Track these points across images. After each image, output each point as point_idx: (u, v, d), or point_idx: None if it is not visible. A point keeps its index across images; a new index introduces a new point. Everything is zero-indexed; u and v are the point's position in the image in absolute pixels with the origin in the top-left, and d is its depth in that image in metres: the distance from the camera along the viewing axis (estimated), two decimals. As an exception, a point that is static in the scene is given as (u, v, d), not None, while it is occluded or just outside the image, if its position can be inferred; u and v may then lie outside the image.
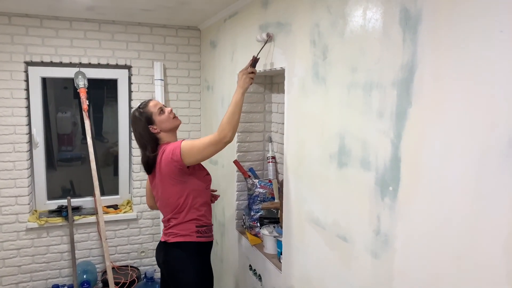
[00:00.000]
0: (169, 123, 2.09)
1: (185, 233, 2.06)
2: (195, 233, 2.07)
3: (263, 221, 2.43)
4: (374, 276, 1.37)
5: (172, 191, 2.04)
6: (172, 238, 2.08)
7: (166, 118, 2.08)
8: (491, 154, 0.95)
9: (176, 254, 2.08)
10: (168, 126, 2.09)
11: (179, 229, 2.07)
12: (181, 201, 2.04)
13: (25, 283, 3.21)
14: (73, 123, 3.95)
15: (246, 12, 2.45)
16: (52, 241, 3.25)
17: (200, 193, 2.09)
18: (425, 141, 1.14)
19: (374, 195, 1.36)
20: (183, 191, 2.03)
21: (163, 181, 2.05)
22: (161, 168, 2.02)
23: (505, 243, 0.92)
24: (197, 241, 2.07)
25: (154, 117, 2.06)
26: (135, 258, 3.53)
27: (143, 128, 2.06)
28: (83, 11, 2.90)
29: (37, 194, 3.28)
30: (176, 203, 2.05)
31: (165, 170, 2.00)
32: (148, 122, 2.06)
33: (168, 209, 2.10)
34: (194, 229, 2.07)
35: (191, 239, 2.06)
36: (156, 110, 2.07)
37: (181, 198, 2.04)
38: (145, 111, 2.07)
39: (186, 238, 2.06)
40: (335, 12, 1.55)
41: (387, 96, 1.28)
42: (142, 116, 2.07)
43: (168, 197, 2.07)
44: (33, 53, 3.04)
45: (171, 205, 2.07)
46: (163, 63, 3.39)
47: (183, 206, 2.05)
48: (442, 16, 1.07)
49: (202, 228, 2.09)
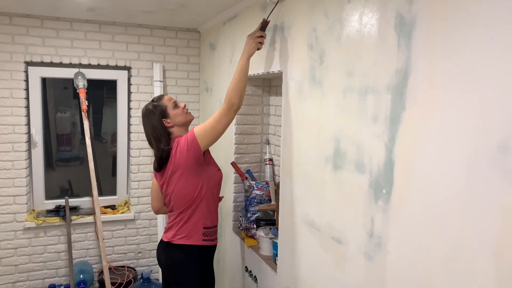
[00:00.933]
0: (183, 117, 2.08)
1: (192, 234, 2.03)
2: (202, 235, 2.04)
3: (259, 222, 2.45)
4: (367, 278, 1.38)
5: (187, 183, 2.00)
6: (177, 239, 2.04)
7: (180, 112, 2.08)
8: (482, 158, 0.97)
9: (179, 257, 2.05)
10: (182, 120, 2.08)
11: (185, 229, 2.03)
12: (195, 194, 2.01)
13: (21, 283, 3.22)
14: (72, 123, 3.97)
15: (246, 15, 2.47)
16: (50, 241, 3.26)
17: (212, 187, 2.07)
18: (418, 145, 1.16)
19: (368, 198, 1.37)
20: (197, 182, 2.00)
21: (177, 174, 2.00)
22: (176, 160, 1.98)
23: (495, 246, 0.94)
24: (202, 244, 2.04)
25: (168, 111, 2.05)
26: (132, 258, 3.54)
27: (157, 121, 2.04)
28: (83, 12, 2.92)
29: (35, 193, 3.29)
30: (190, 196, 2.01)
31: (181, 161, 1.97)
32: (162, 115, 2.04)
33: (180, 203, 2.04)
34: (201, 231, 2.04)
35: (197, 243, 2.03)
36: (170, 104, 2.07)
37: (195, 190, 2.01)
38: (160, 104, 2.06)
39: (192, 241, 2.03)
40: (332, 17, 1.57)
41: (381, 100, 1.30)
42: (157, 109, 2.05)
43: (181, 190, 2.02)
44: (34, 53, 3.06)
45: (183, 199, 2.02)
46: (162, 64, 3.41)
47: (196, 199, 2.01)
48: (436, 23, 1.09)
49: (209, 230, 2.07)
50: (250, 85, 2.65)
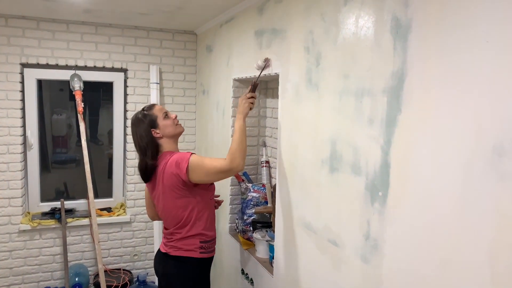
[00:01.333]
0: (173, 128, 2.02)
1: (189, 248, 1.98)
2: (199, 249, 1.99)
3: (255, 225, 2.45)
4: (364, 281, 1.38)
5: (175, 204, 1.95)
6: (173, 251, 2.00)
7: (170, 123, 2.02)
8: (477, 161, 0.97)
9: (176, 269, 2.01)
10: (171, 132, 2.02)
11: (183, 244, 1.99)
12: (185, 215, 1.95)
13: (16, 285, 3.19)
14: (68, 125, 3.96)
15: (242, 18, 2.47)
16: (45, 243, 3.24)
17: (205, 205, 2.01)
18: (413, 148, 1.16)
19: (364, 200, 1.38)
20: (187, 204, 1.95)
21: (165, 193, 1.95)
22: (164, 179, 1.92)
23: (490, 248, 0.94)
24: (200, 257, 2.00)
25: (158, 121, 1.99)
26: (128, 261, 3.53)
27: (145, 130, 1.98)
28: (80, 14, 2.91)
29: (31, 196, 3.27)
30: (180, 217, 1.96)
31: (168, 182, 1.91)
32: (151, 125, 1.99)
33: (171, 222, 2.00)
34: (198, 245, 1.99)
35: (194, 255, 1.99)
36: (161, 114, 2.01)
37: (185, 211, 1.95)
38: (150, 114, 2.01)
39: (189, 253, 1.99)
40: (328, 19, 1.58)
41: (377, 103, 1.31)
42: (146, 118, 2.00)
43: (171, 210, 1.97)
44: (29, 55, 3.05)
45: (175, 219, 1.98)
46: (159, 66, 3.40)
47: (187, 219, 1.96)
48: (431, 26, 1.10)
49: (206, 244, 2.02)
50: (247, 87, 2.65)
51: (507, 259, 0.91)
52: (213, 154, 3.09)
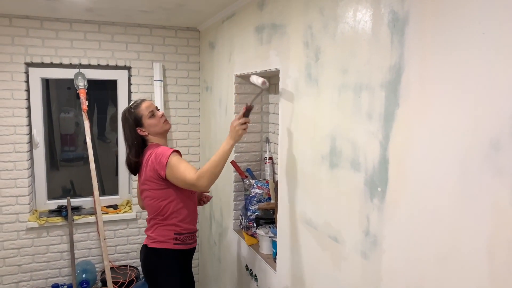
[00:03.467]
0: (159, 127, 2.06)
1: (163, 239, 2.05)
2: (173, 240, 2.05)
3: (259, 221, 2.45)
4: (363, 277, 1.38)
5: (154, 194, 2.03)
6: (150, 243, 2.07)
7: (155, 122, 2.05)
8: (475, 155, 0.96)
9: (153, 260, 2.07)
10: (157, 131, 2.06)
11: (158, 234, 2.05)
12: (162, 204, 2.03)
13: (25, 282, 3.24)
14: (76, 123, 3.99)
15: (243, 14, 2.46)
16: (52, 241, 3.28)
17: (184, 199, 2.06)
18: (411, 143, 1.15)
19: (363, 196, 1.37)
20: (166, 195, 2.02)
21: (147, 184, 2.03)
22: (147, 171, 2.00)
23: (488, 243, 0.93)
24: (175, 248, 2.05)
25: (143, 120, 2.03)
26: (134, 257, 3.55)
27: (130, 129, 2.04)
28: (82, 13, 2.92)
29: (38, 194, 3.31)
30: (158, 206, 2.03)
31: (149, 174, 1.99)
32: (136, 124, 2.03)
33: (151, 210, 2.08)
34: (171, 236, 2.05)
35: (168, 246, 2.05)
36: (146, 113, 2.03)
37: (163, 201, 2.02)
38: (135, 112, 2.04)
39: (163, 244, 2.05)
40: (327, 14, 1.56)
41: (375, 97, 1.29)
42: (131, 116, 2.04)
43: (151, 199, 2.05)
44: (34, 54, 3.07)
45: (153, 207, 2.05)
46: (162, 64, 3.41)
47: (164, 210, 2.03)
48: (428, 18, 1.08)
49: (181, 236, 2.07)
50: (249, 83, 2.64)
51: (504, 254, 0.89)
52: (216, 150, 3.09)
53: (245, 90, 2.65)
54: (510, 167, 0.87)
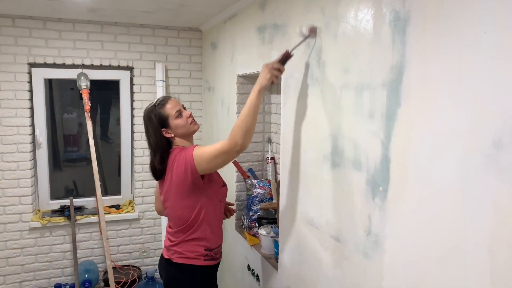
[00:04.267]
0: (186, 128, 1.85)
1: (192, 255, 1.85)
2: (203, 256, 1.85)
3: (261, 221, 2.45)
4: (365, 276, 1.37)
5: (183, 204, 1.82)
6: (176, 258, 1.86)
7: (183, 123, 1.84)
8: (476, 154, 0.95)
9: (180, 277, 1.87)
10: (184, 132, 1.85)
11: (186, 250, 1.84)
12: (192, 216, 1.81)
13: (28, 282, 3.25)
14: (79, 124, 4.01)
15: (245, 14, 2.46)
16: (55, 241, 3.29)
17: (214, 207, 1.87)
18: (413, 142, 1.14)
19: (365, 196, 1.36)
20: (195, 204, 1.81)
21: (173, 191, 1.82)
22: (173, 177, 1.79)
23: (489, 243, 0.93)
24: (205, 265, 1.86)
25: (170, 121, 1.82)
26: (136, 257, 3.56)
27: (155, 130, 1.82)
28: (85, 13, 2.93)
29: (40, 194, 3.32)
30: (187, 217, 1.82)
31: (177, 180, 1.78)
32: (161, 125, 1.82)
33: (177, 222, 1.87)
34: (202, 252, 1.85)
35: (198, 263, 1.85)
36: (173, 113, 1.82)
37: (192, 212, 1.81)
38: (161, 112, 1.82)
39: (193, 261, 1.85)
40: (328, 13, 1.56)
41: (377, 97, 1.29)
42: (156, 117, 1.82)
43: (178, 209, 1.84)
44: (37, 54, 3.08)
45: (181, 219, 1.84)
46: (164, 64, 3.41)
47: (193, 221, 1.82)
48: (429, 18, 1.08)
49: (211, 252, 1.88)
50: (251, 83, 2.65)
51: (506, 253, 0.89)
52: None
53: (247, 90, 2.65)
54: (511, 166, 0.87)
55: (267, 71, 1.64)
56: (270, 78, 1.64)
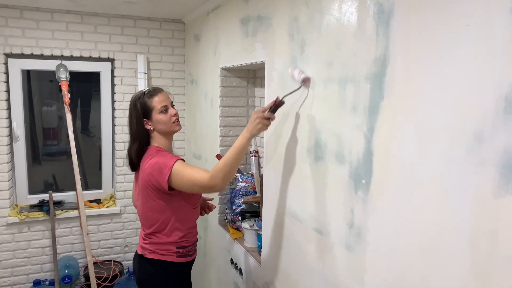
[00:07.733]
0: (167, 126, 1.82)
1: (164, 252, 1.84)
2: (175, 253, 1.85)
3: (244, 215, 2.44)
4: (348, 269, 1.38)
5: (152, 206, 1.79)
6: (148, 253, 1.86)
7: (165, 120, 1.80)
8: (458, 148, 0.96)
9: (152, 272, 1.86)
10: (164, 129, 1.82)
11: (157, 248, 1.84)
12: (161, 219, 1.80)
13: (5, 278, 3.17)
14: (58, 117, 3.91)
15: (229, 6, 2.43)
16: (34, 236, 3.22)
17: (185, 214, 1.85)
18: (396, 135, 1.15)
19: (348, 189, 1.37)
20: (164, 209, 1.78)
21: (143, 192, 1.80)
22: (143, 178, 1.76)
23: (470, 236, 0.94)
24: (177, 261, 1.86)
25: (153, 113, 1.79)
26: (118, 252, 3.52)
27: (137, 119, 1.80)
28: (64, 3, 2.85)
29: (18, 188, 3.24)
30: (156, 220, 1.81)
31: (147, 183, 1.75)
32: (144, 115, 1.80)
33: (147, 224, 1.85)
34: (174, 250, 1.85)
35: (171, 259, 1.85)
36: (159, 107, 1.79)
37: (161, 216, 1.79)
38: (147, 102, 1.80)
39: (165, 257, 1.84)
40: (312, 6, 1.55)
41: (361, 90, 1.29)
42: (141, 105, 1.79)
43: (147, 211, 1.82)
44: (13, 44, 2.99)
45: (150, 221, 1.83)
46: (146, 56, 3.35)
47: (162, 225, 1.81)
48: (413, 10, 1.08)
49: (184, 250, 1.87)
50: (235, 76, 2.62)
51: (486, 245, 0.90)
52: (202, 144, 3.07)
53: (230, 83, 2.63)
54: (492, 159, 0.88)
55: (258, 121, 1.59)
56: (260, 128, 1.60)
